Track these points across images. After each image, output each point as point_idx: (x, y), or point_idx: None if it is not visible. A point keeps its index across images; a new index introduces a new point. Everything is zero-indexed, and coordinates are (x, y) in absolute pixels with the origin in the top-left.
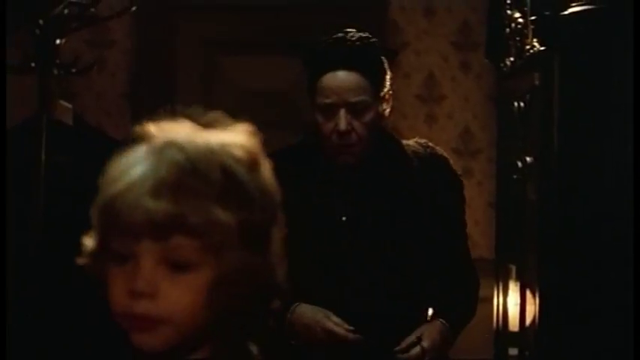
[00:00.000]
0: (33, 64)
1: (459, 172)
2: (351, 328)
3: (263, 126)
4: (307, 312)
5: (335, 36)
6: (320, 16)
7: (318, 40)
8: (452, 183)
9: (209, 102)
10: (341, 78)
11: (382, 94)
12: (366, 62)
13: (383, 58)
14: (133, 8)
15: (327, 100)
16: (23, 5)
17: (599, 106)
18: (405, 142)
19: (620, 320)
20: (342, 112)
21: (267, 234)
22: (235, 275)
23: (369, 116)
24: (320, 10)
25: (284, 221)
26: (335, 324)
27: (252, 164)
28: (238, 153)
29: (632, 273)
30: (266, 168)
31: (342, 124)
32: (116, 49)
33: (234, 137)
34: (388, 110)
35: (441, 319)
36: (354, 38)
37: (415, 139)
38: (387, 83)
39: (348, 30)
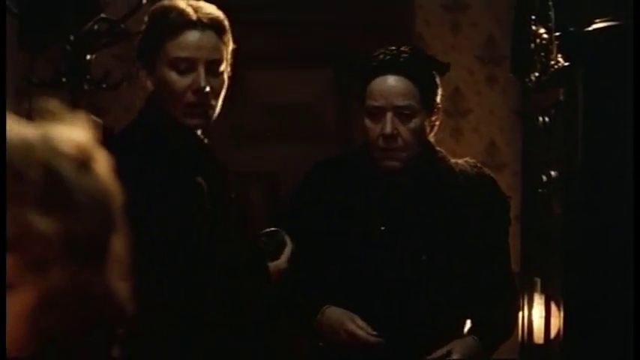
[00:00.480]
0: (64, 80)
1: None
2: (374, 332)
3: (288, 138)
4: (334, 314)
5: (388, 47)
6: (346, 31)
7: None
8: (498, 203)
9: (234, 115)
10: (390, 82)
11: (431, 105)
12: (415, 69)
13: (434, 72)
14: None
15: (375, 103)
16: (55, 22)
17: (623, 121)
18: (453, 160)
19: None
20: (389, 115)
21: (102, 245)
22: (63, 295)
23: (415, 123)
24: (346, 25)
25: (126, 229)
26: (357, 327)
27: (82, 162)
28: (66, 149)
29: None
30: (102, 167)
31: (388, 127)
32: None
33: (63, 130)
34: (437, 123)
35: (473, 336)
36: (405, 49)
37: (465, 159)
38: (438, 97)
39: (401, 45)
